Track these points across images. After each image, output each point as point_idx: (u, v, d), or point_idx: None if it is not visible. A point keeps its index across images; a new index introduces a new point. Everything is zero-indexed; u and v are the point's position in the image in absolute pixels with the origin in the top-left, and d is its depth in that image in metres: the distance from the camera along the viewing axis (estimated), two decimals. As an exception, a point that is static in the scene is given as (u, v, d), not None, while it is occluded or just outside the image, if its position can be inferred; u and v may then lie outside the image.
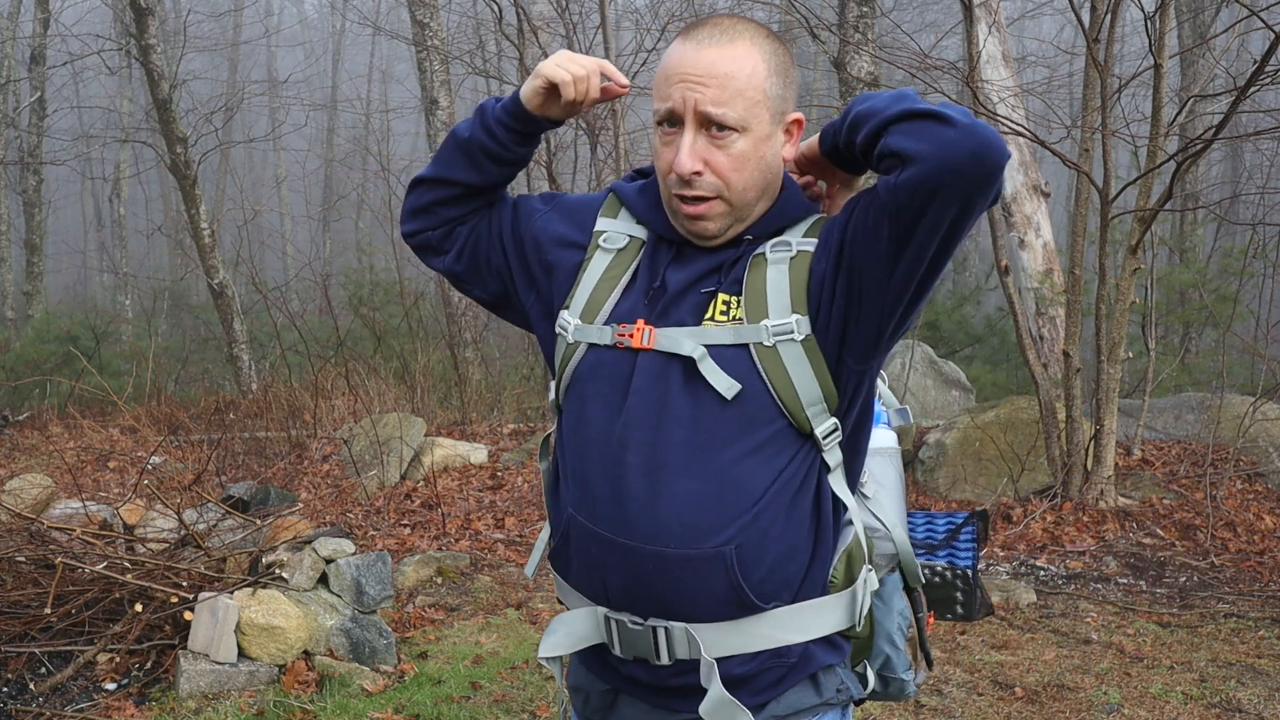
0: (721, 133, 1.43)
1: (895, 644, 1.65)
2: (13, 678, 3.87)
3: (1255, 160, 15.44)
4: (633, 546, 1.45)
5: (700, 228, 1.48)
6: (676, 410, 1.45)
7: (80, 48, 14.77)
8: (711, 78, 1.42)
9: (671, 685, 1.50)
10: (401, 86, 26.10)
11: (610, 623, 1.50)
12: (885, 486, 1.67)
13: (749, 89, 1.43)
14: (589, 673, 1.61)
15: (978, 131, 1.30)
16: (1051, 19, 23.98)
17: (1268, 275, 10.31)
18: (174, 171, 11.58)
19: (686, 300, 1.49)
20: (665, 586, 1.45)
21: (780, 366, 1.44)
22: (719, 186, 1.45)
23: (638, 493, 1.45)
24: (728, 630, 1.45)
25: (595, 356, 1.51)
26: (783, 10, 13.78)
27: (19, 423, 10.58)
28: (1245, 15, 6.43)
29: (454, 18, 14.95)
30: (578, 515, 1.51)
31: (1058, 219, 17.19)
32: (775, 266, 1.47)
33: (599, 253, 1.57)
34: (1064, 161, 6.85)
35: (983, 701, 4.03)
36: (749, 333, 1.45)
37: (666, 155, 1.47)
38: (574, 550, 1.53)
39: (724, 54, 1.44)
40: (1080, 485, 6.70)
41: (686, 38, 1.47)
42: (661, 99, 1.46)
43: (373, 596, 4.50)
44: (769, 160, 1.48)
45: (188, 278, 17.89)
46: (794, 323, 1.44)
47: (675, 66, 1.45)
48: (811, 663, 1.50)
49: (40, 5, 15.18)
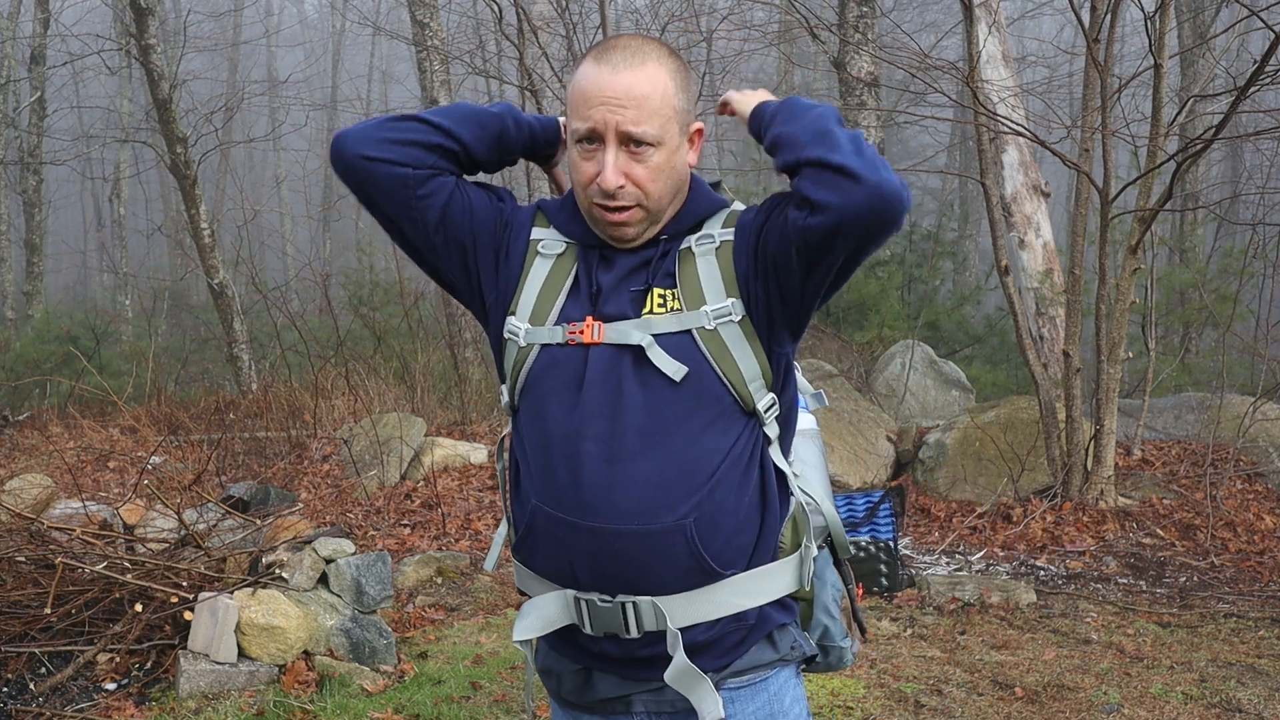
0: (639, 148, 1.57)
1: (832, 614, 1.78)
2: (13, 678, 3.87)
3: (1255, 160, 15.44)
4: (597, 527, 1.55)
5: (621, 233, 1.61)
6: (629, 397, 1.56)
7: (80, 48, 14.76)
8: (630, 99, 1.55)
9: (640, 656, 1.60)
10: (401, 86, 26.12)
11: (580, 603, 1.60)
12: (810, 464, 1.81)
13: (662, 107, 1.57)
14: (559, 656, 1.70)
15: (881, 188, 1.46)
16: (1051, 19, 23.98)
17: (1268, 275, 10.31)
18: (174, 171, 11.57)
19: (622, 297, 1.61)
20: (631, 562, 1.55)
21: (723, 346, 1.58)
22: (639, 196, 1.58)
23: (598, 478, 1.55)
24: (691, 599, 1.57)
25: (548, 356, 1.61)
26: (783, 10, 13.78)
27: (19, 423, 10.58)
28: (1245, 15, 6.43)
29: (454, 18, 14.95)
30: (543, 505, 1.60)
31: (1058, 219, 17.20)
32: (703, 258, 1.62)
33: (538, 259, 1.68)
34: (1064, 161, 6.85)
35: (983, 701, 4.03)
36: (690, 319, 1.58)
37: (588, 169, 1.58)
38: (540, 539, 1.62)
39: (638, 76, 1.56)
40: (1080, 485, 6.70)
41: (600, 61, 1.58)
42: (581, 119, 1.57)
43: (373, 596, 4.50)
44: (679, 167, 1.63)
45: (188, 278, 17.87)
46: (730, 305, 1.58)
47: (594, 89, 1.56)
48: (768, 623, 1.63)
49: (40, 5, 15.17)
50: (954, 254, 13.96)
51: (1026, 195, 10.20)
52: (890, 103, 13.47)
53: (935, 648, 4.67)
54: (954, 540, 6.51)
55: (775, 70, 20.95)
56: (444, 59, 11.89)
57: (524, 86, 10.06)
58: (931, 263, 12.01)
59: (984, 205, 7.62)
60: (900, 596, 5.43)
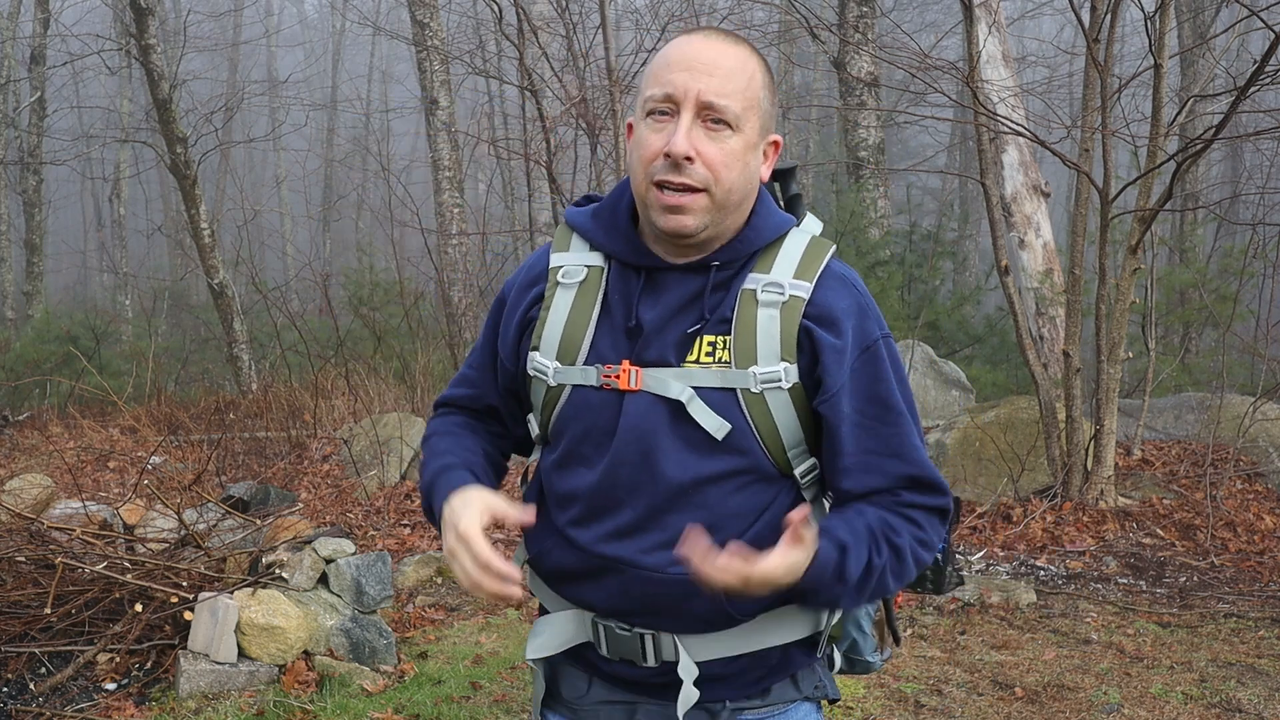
0: (717, 125, 1.42)
1: (863, 629, 1.69)
2: (13, 678, 3.87)
3: (1255, 160, 15.44)
4: (624, 570, 1.50)
5: (678, 222, 1.44)
6: (665, 449, 1.47)
7: (80, 48, 14.76)
8: (717, 68, 1.42)
9: (653, 682, 1.56)
10: (401, 86, 26.10)
11: (598, 626, 1.55)
12: None
13: (748, 90, 1.44)
14: (564, 659, 1.64)
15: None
16: (1051, 19, 23.98)
17: (1268, 275, 10.31)
18: (174, 171, 11.57)
19: (667, 338, 1.48)
20: (655, 604, 1.50)
21: (766, 412, 1.46)
22: (708, 179, 1.42)
23: (627, 527, 1.49)
24: (712, 637, 1.52)
25: (580, 397, 1.51)
26: (783, 10, 13.78)
27: (19, 423, 10.58)
28: (1245, 15, 6.43)
29: (454, 18, 14.95)
30: (568, 540, 1.55)
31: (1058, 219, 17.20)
32: (766, 310, 1.47)
33: (559, 290, 1.54)
34: (1064, 161, 6.85)
35: (983, 701, 4.03)
36: (736, 378, 1.46)
37: (655, 142, 1.43)
38: (558, 565, 1.57)
39: (730, 52, 1.44)
40: (1080, 485, 6.70)
41: (690, 34, 1.47)
42: (659, 85, 1.43)
43: (373, 596, 4.50)
44: (752, 170, 1.48)
45: (188, 278, 17.87)
46: (782, 371, 1.46)
47: (679, 56, 1.44)
48: (791, 664, 1.57)
49: (40, 5, 15.17)
50: (954, 254, 13.94)
51: (1026, 195, 10.20)
52: (890, 103, 13.48)
53: (935, 648, 4.67)
54: (954, 540, 6.51)
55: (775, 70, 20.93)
56: (444, 59, 11.90)
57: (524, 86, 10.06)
58: (931, 263, 11.99)
59: (984, 205, 7.62)
60: (899, 596, 5.43)
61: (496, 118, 16.68)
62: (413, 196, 12.88)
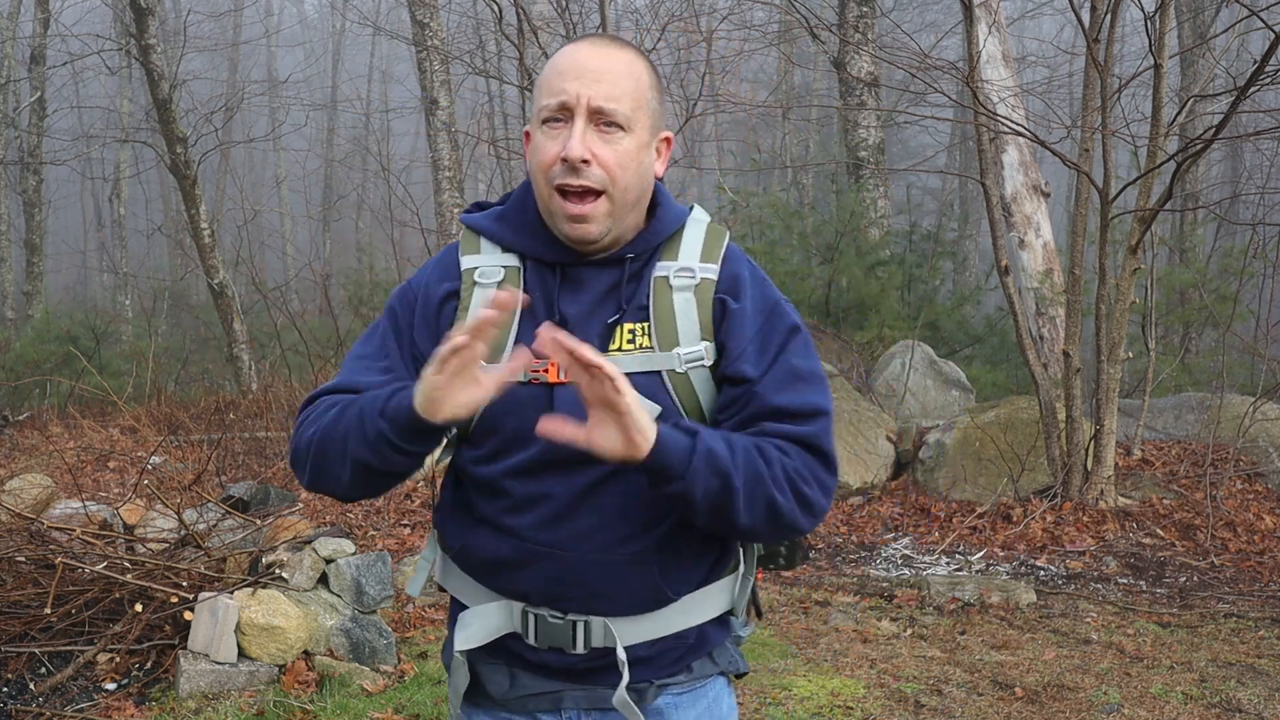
0: (609, 128, 1.50)
1: None
2: (13, 678, 3.87)
3: (1255, 160, 15.44)
4: (557, 553, 1.54)
5: (582, 230, 1.52)
6: None
7: (80, 48, 14.76)
8: (605, 73, 1.51)
9: (580, 668, 1.59)
10: (401, 86, 26.10)
11: (528, 615, 1.58)
12: None
13: (636, 92, 1.53)
14: (484, 654, 1.64)
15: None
16: (1051, 19, 23.99)
17: (1268, 275, 10.32)
18: (174, 171, 11.57)
19: (590, 330, 1.54)
20: (589, 587, 1.55)
21: (691, 392, 1.55)
22: (605, 180, 1.50)
23: (562, 511, 1.53)
24: (641, 620, 1.57)
25: (509, 393, 1.51)
26: (783, 10, 13.78)
27: (19, 423, 10.58)
28: (1245, 15, 6.43)
29: (454, 18, 14.96)
30: (499, 531, 1.57)
31: (1058, 219, 17.20)
32: (681, 294, 1.56)
33: (477, 289, 1.58)
34: (1064, 161, 6.85)
35: (983, 701, 4.03)
36: (660, 360, 1.53)
37: (551, 148, 1.50)
38: (490, 556, 1.59)
39: (615, 57, 1.53)
40: (1080, 485, 6.70)
41: (575, 44, 1.56)
42: (552, 94, 1.51)
43: (373, 596, 4.50)
44: (646, 167, 1.56)
45: (188, 278, 17.88)
46: (704, 349, 1.55)
47: (569, 64, 1.52)
48: (707, 642, 1.65)
49: (40, 5, 15.17)
50: (954, 254, 13.95)
51: (1026, 195, 10.20)
52: (890, 103, 13.48)
53: (935, 648, 4.67)
54: (954, 540, 6.52)
55: (775, 70, 20.94)
56: (444, 59, 11.89)
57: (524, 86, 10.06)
58: (931, 263, 12.00)
59: (984, 205, 7.62)
60: (899, 596, 5.43)
61: (496, 118, 16.70)
62: (413, 196, 12.90)
